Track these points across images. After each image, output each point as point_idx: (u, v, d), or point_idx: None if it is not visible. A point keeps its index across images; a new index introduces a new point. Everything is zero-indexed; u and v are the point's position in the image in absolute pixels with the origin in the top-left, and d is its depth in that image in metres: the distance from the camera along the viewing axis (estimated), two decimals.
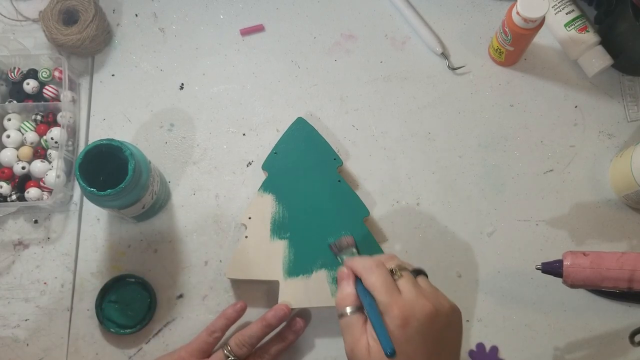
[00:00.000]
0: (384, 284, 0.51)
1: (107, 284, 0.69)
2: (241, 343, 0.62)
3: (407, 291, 0.51)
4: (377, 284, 0.51)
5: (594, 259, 0.60)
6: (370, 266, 0.52)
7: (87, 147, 0.61)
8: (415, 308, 0.49)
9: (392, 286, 0.51)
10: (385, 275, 0.51)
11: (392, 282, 0.51)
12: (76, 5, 0.75)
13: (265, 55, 0.78)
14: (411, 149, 0.74)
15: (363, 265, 0.53)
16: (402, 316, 0.49)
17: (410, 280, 0.52)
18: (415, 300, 0.50)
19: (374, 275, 0.51)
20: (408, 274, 0.53)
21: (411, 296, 0.50)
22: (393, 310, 0.49)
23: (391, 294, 0.50)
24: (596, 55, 0.74)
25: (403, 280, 0.52)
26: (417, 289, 0.51)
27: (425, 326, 0.49)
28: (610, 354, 0.68)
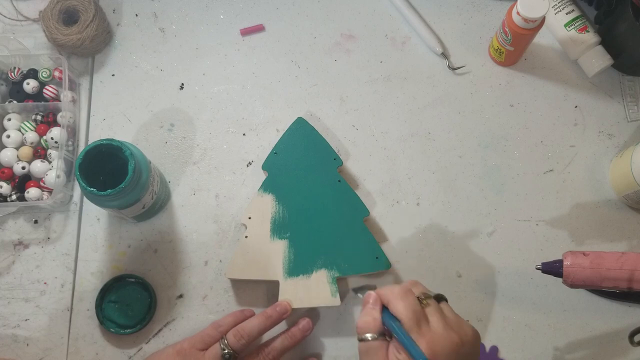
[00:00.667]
0: (413, 312, 0.50)
1: (107, 284, 0.69)
2: (239, 335, 0.62)
3: (435, 322, 0.51)
4: (406, 312, 0.50)
5: (594, 259, 0.60)
6: (399, 292, 0.52)
7: (87, 147, 0.61)
8: (442, 341, 0.49)
9: (421, 315, 0.51)
10: (414, 303, 0.51)
11: (421, 310, 0.51)
12: (76, 5, 0.75)
13: (265, 55, 0.78)
14: (411, 149, 0.74)
15: (391, 291, 0.52)
16: (431, 350, 0.49)
17: (437, 309, 0.52)
18: (443, 333, 0.50)
19: (403, 302, 0.51)
20: (434, 302, 0.53)
21: (439, 328, 0.50)
22: (421, 342, 0.49)
23: (420, 323, 0.50)
24: (596, 55, 0.74)
25: (430, 309, 0.52)
26: (443, 320, 0.51)
27: (451, 358, 0.49)
28: (610, 354, 0.68)
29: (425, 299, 0.52)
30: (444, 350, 0.49)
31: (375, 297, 0.54)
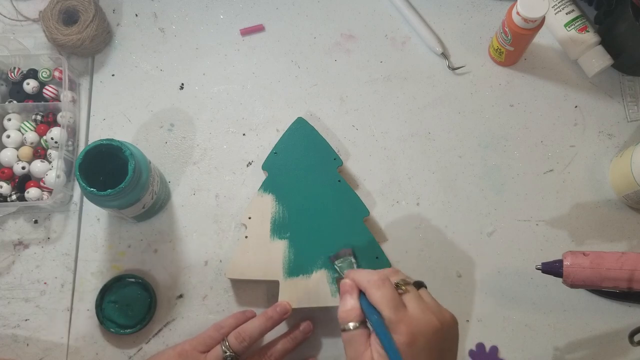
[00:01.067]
0: (391, 300, 0.50)
1: (107, 284, 0.69)
2: (241, 337, 0.62)
3: (413, 307, 0.51)
4: (383, 300, 0.50)
5: (594, 259, 0.60)
6: (375, 281, 0.52)
7: (87, 147, 0.61)
8: (422, 325, 0.49)
9: (399, 302, 0.51)
10: (391, 291, 0.51)
11: (398, 297, 0.51)
12: (76, 5, 0.75)
13: (265, 55, 0.78)
14: (411, 149, 0.74)
15: (368, 280, 0.52)
16: (410, 333, 0.49)
17: (415, 295, 0.52)
18: (422, 317, 0.50)
19: (380, 290, 0.51)
20: (412, 288, 0.53)
21: (418, 312, 0.50)
22: (400, 327, 0.49)
23: (398, 310, 0.50)
24: (596, 55, 0.74)
25: (409, 296, 0.52)
26: (422, 305, 0.51)
27: (431, 342, 0.49)
28: (610, 354, 0.68)
29: (403, 285, 0.52)
30: (423, 334, 0.49)
31: (351, 285, 0.54)
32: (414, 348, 0.48)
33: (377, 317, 0.51)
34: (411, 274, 0.70)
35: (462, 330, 0.69)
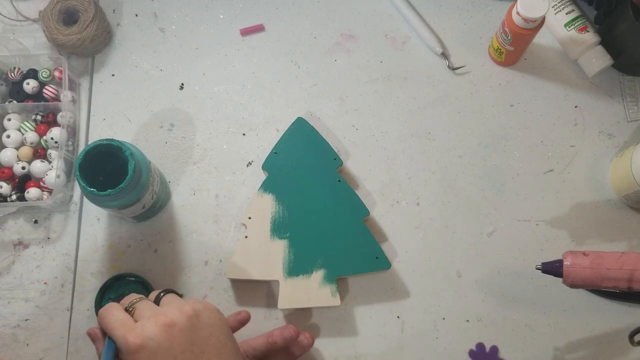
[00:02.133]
0: (116, 320, 0.49)
1: (107, 282, 0.69)
2: (244, 353, 0.62)
3: (142, 317, 0.49)
4: (110, 324, 0.49)
5: (594, 259, 0.60)
6: (101, 312, 0.51)
7: (87, 147, 0.61)
8: (145, 329, 0.48)
9: (126, 320, 0.49)
10: (117, 313, 0.50)
11: (126, 316, 0.50)
12: (76, 5, 0.75)
13: (265, 55, 0.78)
14: (411, 149, 0.74)
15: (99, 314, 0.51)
16: (136, 342, 0.47)
17: (145, 305, 0.51)
18: (147, 320, 0.48)
19: (106, 318, 0.50)
20: (144, 302, 0.51)
21: (143, 318, 0.49)
22: (127, 340, 0.47)
23: (123, 326, 0.49)
24: (596, 55, 0.74)
25: (137, 311, 0.50)
26: (151, 310, 0.50)
27: (162, 341, 0.48)
28: (610, 354, 0.68)
29: (132, 304, 0.51)
30: (151, 336, 0.47)
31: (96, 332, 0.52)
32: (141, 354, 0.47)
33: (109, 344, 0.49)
34: (411, 274, 0.70)
35: (462, 330, 0.69)
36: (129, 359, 0.47)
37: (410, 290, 0.70)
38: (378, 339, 0.68)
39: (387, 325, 0.69)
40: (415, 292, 0.70)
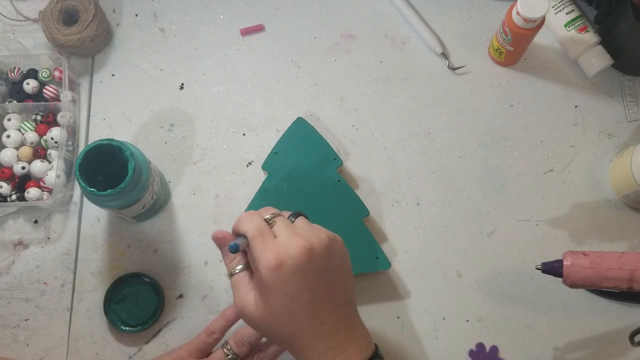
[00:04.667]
0: (256, 229, 0.50)
1: (123, 277, 0.69)
2: (240, 342, 0.62)
3: (281, 234, 0.50)
4: (249, 231, 0.51)
5: (594, 259, 0.60)
6: (242, 217, 0.52)
7: (87, 147, 0.61)
8: (288, 248, 0.49)
9: (266, 232, 0.51)
10: (258, 222, 0.51)
11: (266, 227, 0.51)
12: (76, 5, 0.75)
13: (265, 55, 0.78)
14: (411, 149, 0.74)
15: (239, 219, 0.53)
16: (275, 258, 0.48)
17: (285, 223, 0.52)
18: (288, 241, 0.49)
19: (246, 224, 0.51)
20: (283, 218, 0.52)
21: (284, 238, 0.50)
22: (266, 254, 0.49)
23: (264, 238, 0.50)
24: (596, 55, 0.74)
25: (277, 225, 0.51)
26: (291, 230, 0.51)
27: (301, 264, 0.49)
28: (610, 354, 0.68)
29: (272, 218, 0.52)
30: (291, 257, 0.49)
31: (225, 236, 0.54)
32: (281, 272, 0.48)
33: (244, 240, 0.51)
34: (411, 274, 0.70)
35: (462, 330, 0.69)
36: (265, 273, 0.49)
37: (410, 290, 0.70)
38: (378, 339, 0.68)
39: (387, 325, 0.69)
40: (415, 292, 0.70)
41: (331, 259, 0.51)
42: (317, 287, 0.50)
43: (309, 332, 0.50)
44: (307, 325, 0.50)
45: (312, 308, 0.50)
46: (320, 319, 0.50)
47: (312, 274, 0.49)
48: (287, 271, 0.49)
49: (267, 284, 0.49)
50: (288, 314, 0.50)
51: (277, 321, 0.50)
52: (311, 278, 0.49)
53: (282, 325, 0.50)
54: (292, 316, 0.50)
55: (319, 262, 0.50)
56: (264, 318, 0.50)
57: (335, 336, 0.51)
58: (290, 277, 0.49)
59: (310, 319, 0.50)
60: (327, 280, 0.51)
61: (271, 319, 0.50)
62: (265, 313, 0.50)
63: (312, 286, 0.50)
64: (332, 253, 0.51)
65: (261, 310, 0.50)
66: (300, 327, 0.50)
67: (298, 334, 0.50)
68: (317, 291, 0.50)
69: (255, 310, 0.50)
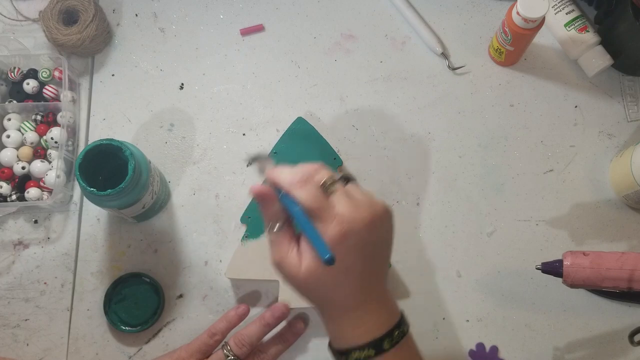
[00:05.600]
0: (314, 200, 0.48)
1: (123, 277, 0.69)
2: (240, 343, 0.62)
3: (342, 205, 0.48)
4: (307, 201, 0.48)
5: (594, 259, 0.60)
6: (298, 181, 0.49)
7: (87, 147, 0.61)
8: (352, 221, 0.48)
9: (323, 201, 0.48)
10: (315, 190, 0.49)
11: (325, 198, 0.49)
12: (76, 5, 0.75)
13: (265, 55, 0.78)
14: (411, 149, 0.74)
15: (290, 181, 0.49)
16: (340, 231, 0.47)
17: (343, 193, 0.50)
18: (351, 214, 0.48)
19: (302, 192, 0.48)
20: (340, 185, 0.50)
21: (347, 209, 0.48)
22: (329, 225, 0.47)
23: (324, 210, 0.48)
24: (596, 55, 0.74)
25: (336, 195, 0.49)
26: (350, 202, 0.49)
27: (363, 237, 0.48)
28: (610, 354, 0.68)
29: (330, 185, 0.50)
30: (354, 231, 0.48)
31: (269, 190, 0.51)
32: (344, 245, 0.47)
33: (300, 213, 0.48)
34: (411, 274, 0.70)
35: (462, 330, 0.69)
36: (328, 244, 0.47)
37: (410, 290, 0.70)
38: None
39: None
40: (415, 292, 0.70)
41: (383, 233, 0.51)
42: (368, 259, 0.49)
43: (350, 300, 0.50)
44: (350, 294, 0.49)
45: (360, 279, 0.49)
46: (364, 289, 0.50)
47: (369, 249, 0.49)
48: (349, 244, 0.47)
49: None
50: (335, 283, 0.49)
51: (321, 286, 0.49)
52: (367, 252, 0.49)
53: (325, 291, 0.49)
54: (339, 285, 0.49)
55: (376, 236, 0.49)
56: (307, 280, 0.49)
57: (371, 303, 0.50)
58: (350, 250, 0.48)
59: (354, 289, 0.49)
60: (377, 252, 0.50)
61: (315, 284, 0.49)
62: (311, 277, 0.48)
63: (365, 260, 0.49)
64: (385, 227, 0.51)
65: (307, 273, 0.48)
66: (344, 296, 0.49)
67: (339, 301, 0.50)
68: (368, 266, 0.49)
69: (299, 271, 0.49)
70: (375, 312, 0.50)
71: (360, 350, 0.49)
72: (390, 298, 0.53)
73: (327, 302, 0.51)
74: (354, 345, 0.49)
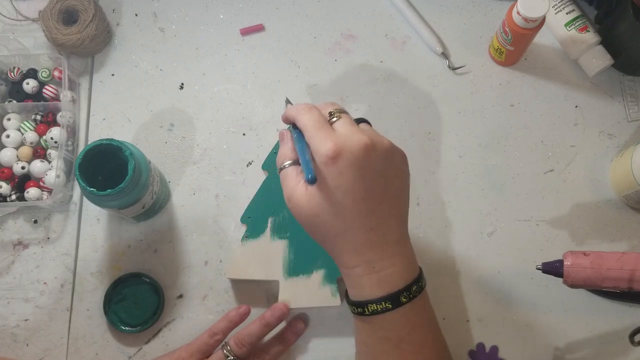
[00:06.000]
0: (316, 122, 0.49)
1: (123, 277, 0.69)
2: (241, 343, 0.62)
3: (342, 129, 0.49)
4: (308, 123, 0.49)
5: (595, 259, 0.60)
6: (302, 108, 0.51)
7: (87, 147, 0.61)
8: (347, 142, 0.48)
9: (325, 124, 0.49)
10: (317, 115, 0.50)
11: (325, 121, 0.50)
12: (76, 5, 0.75)
13: (265, 55, 0.78)
14: (411, 149, 0.74)
15: (296, 109, 0.51)
16: (334, 149, 0.47)
17: (348, 120, 0.50)
18: (349, 135, 0.48)
19: (306, 115, 0.50)
20: (346, 115, 0.51)
21: (345, 132, 0.49)
22: (324, 144, 0.47)
23: (323, 130, 0.49)
24: (596, 55, 0.74)
25: (340, 121, 0.50)
26: (353, 127, 0.49)
27: (360, 159, 0.48)
28: (610, 354, 0.68)
29: (336, 113, 0.51)
30: (350, 150, 0.47)
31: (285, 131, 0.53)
32: (338, 163, 0.47)
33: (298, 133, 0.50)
34: None
35: (462, 330, 0.69)
36: (321, 161, 0.48)
37: None
38: None
39: None
40: None
41: (390, 165, 0.50)
42: (371, 189, 0.49)
43: (357, 233, 0.49)
44: (356, 226, 0.49)
45: (363, 207, 0.49)
46: (370, 222, 0.49)
47: (368, 173, 0.48)
48: (344, 163, 0.47)
49: (321, 174, 0.48)
50: (337, 208, 0.48)
51: (325, 213, 0.48)
52: (366, 176, 0.48)
53: (330, 218, 0.49)
54: (341, 211, 0.48)
55: (377, 163, 0.49)
56: (312, 207, 0.49)
57: (385, 247, 0.50)
58: (345, 169, 0.47)
59: (359, 220, 0.49)
60: (382, 185, 0.50)
61: (319, 209, 0.49)
62: (314, 203, 0.48)
63: (366, 186, 0.48)
64: (392, 160, 0.51)
65: (310, 199, 0.49)
66: (349, 226, 0.49)
67: (345, 233, 0.49)
68: (371, 193, 0.49)
69: (305, 200, 0.49)
70: (392, 259, 0.50)
71: (377, 303, 0.50)
72: (410, 249, 0.52)
73: (336, 236, 0.50)
74: (371, 297, 0.50)
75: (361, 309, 0.51)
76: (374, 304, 0.50)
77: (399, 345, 0.51)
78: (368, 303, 0.50)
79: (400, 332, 0.51)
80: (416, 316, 0.52)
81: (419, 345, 0.52)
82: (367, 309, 0.50)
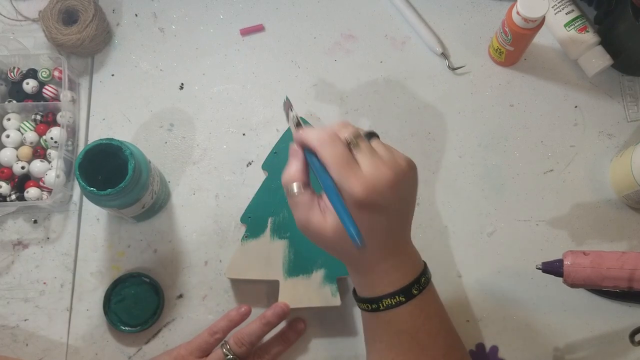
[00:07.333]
0: (341, 158, 0.48)
1: (123, 277, 0.69)
2: (240, 342, 0.62)
3: (366, 163, 0.49)
4: (334, 159, 0.48)
5: (595, 259, 0.60)
6: (325, 139, 0.49)
7: (87, 146, 0.61)
8: (375, 180, 0.48)
9: (350, 161, 0.48)
10: (341, 149, 0.49)
11: (349, 155, 0.49)
12: (76, 5, 0.75)
13: (265, 55, 0.78)
14: (411, 149, 0.74)
15: (317, 139, 0.49)
16: (363, 191, 0.47)
17: (368, 149, 0.50)
18: (375, 172, 0.48)
19: (329, 149, 0.48)
20: (364, 142, 0.51)
21: (371, 168, 0.48)
22: (352, 185, 0.47)
23: (349, 168, 0.48)
24: (596, 55, 0.74)
25: (361, 152, 0.50)
26: (375, 159, 0.49)
27: (386, 196, 0.48)
28: (610, 354, 0.68)
29: (355, 139, 0.50)
30: (377, 190, 0.48)
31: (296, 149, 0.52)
32: (367, 205, 0.48)
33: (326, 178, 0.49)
34: None
35: (462, 330, 0.69)
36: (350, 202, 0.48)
37: None
38: None
39: None
40: None
41: (409, 187, 0.52)
42: (393, 216, 0.50)
43: (377, 254, 0.51)
44: (377, 249, 0.51)
45: (386, 235, 0.51)
46: (390, 243, 0.51)
47: (393, 204, 0.49)
48: (372, 205, 0.48)
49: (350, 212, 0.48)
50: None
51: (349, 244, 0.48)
52: (391, 208, 0.49)
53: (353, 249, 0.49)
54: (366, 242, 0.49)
55: (400, 192, 0.50)
56: (334, 239, 0.50)
57: (398, 255, 0.52)
58: (372, 208, 0.48)
59: (381, 244, 0.51)
60: (402, 208, 0.51)
61: (342, 241, 0.49)
62: (337, 235, 0.49)
63: (389, 216, 0.50)
64: (409, 183, 0.52)
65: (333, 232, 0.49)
66: (371, 251, 0.51)
67: (367, 257, 0.51)
68: (393, 220, 0.50)
69: (326, 231, 0.49)
70: (402, 263, 0.52)
71: (391, 297, 0.51)
72: (413, 248, 0.54)
73: (355, 259, 0.52)
74: (384, 293, 0.52)
75: (375, 305, 0.52)
76: (388, 299, 0.52)
77: (415, 335, 0.52)
78: (382, 298, 0.52)
79: (415, 322, 0.52)
80: (428, 306, 0.54)
81: (435, 332, 0.54)
82: (381, 304, 0.52)
